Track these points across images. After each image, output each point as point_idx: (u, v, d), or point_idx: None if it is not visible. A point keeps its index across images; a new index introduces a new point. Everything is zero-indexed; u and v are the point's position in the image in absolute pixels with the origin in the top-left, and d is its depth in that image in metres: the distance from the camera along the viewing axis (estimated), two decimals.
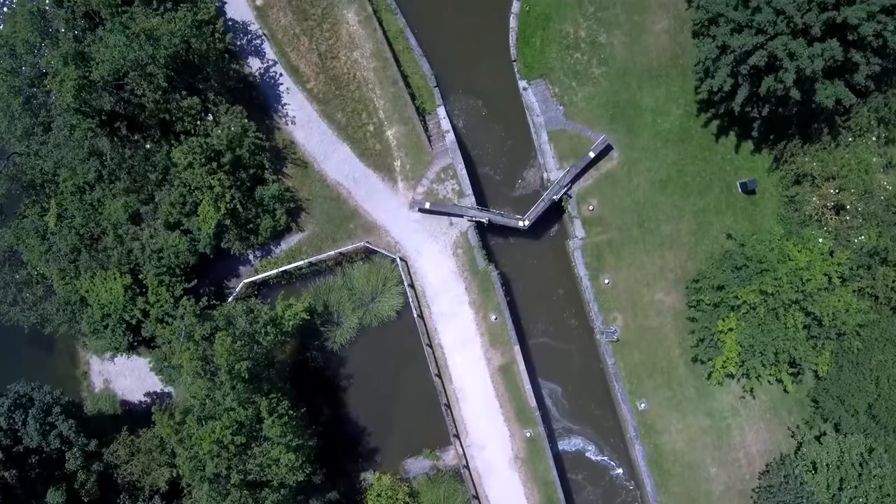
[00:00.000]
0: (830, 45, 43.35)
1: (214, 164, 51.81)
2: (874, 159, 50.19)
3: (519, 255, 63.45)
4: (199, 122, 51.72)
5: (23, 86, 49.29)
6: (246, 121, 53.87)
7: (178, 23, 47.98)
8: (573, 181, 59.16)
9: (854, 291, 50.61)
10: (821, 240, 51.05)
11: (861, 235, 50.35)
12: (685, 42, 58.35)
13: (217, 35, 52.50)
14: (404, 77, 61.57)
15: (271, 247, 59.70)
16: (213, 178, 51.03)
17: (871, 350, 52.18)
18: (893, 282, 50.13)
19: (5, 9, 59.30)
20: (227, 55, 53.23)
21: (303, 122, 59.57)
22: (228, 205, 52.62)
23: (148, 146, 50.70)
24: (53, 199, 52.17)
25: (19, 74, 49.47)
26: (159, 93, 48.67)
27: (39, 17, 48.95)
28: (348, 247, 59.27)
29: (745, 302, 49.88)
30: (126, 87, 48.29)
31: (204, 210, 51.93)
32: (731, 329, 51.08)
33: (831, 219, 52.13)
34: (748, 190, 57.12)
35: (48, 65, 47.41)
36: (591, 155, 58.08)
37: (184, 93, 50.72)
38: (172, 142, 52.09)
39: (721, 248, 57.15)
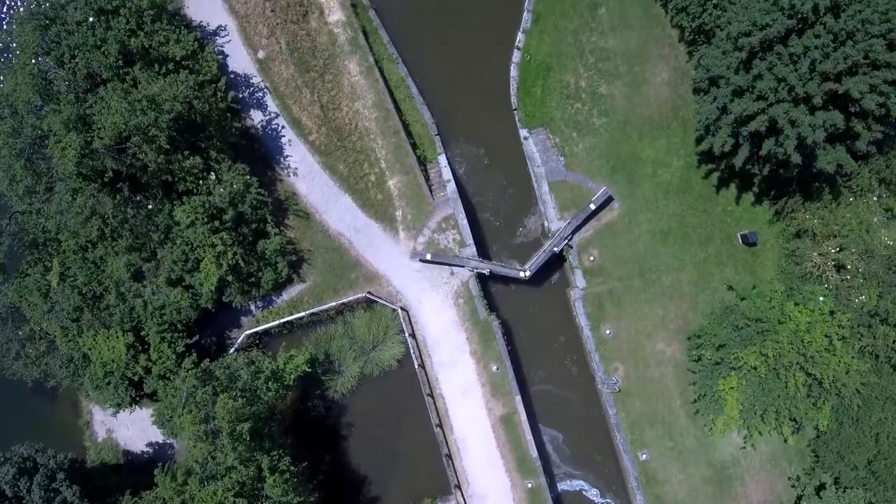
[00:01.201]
0: (832, 115, 43.43)
1: (217, 223, 51.90)
2: (875, 219, 50.32)
3: (520, 302, 63.54)
4: (201, 181, 51.77)
5: (24, 147, 49.27)
6: (248, 177, 53.94)
7: (180, 86, 47.99)
8: (574, 232, 59.31)
9: (854, 349, 50.73)
10: (821, 298, 51.18)
11: (862, 295, 50.48)
12: (686, 94, 58.56)
13: (219, 94, 52.58)
14: (405, 126, 61.72)
15: (273, 297, 59.77)
16: (215, 237, 51.12)
17: (871, 407, 52.33)
18: (894, 342, 50.27)
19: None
20: (229, 114, 53.20)
21: (305, 173, 59.68)
22: (230, 261, 52.68)
23: (150, 206, 50.75)
24: (56, 258, 52.24)
25: (21, 135, 49.43)
26: (161, 156, 48.73)
27: (41, 77, 48.94)
28: (349, 297, 59.38)
29: (745, 363, 50.01)
30: (128, 151, 48.36)
31: (206, 267, 52.01)
32: (732, 388, 51.22)
33: (832, 276, 52.25)
34: (749, 242, 57.28)
35: (50, 129, 47.48)
36: (592, 207, 58.25)
37: (186, 152, 50.73)
38: (175, 200, 52.15)
39: (722, 300, 57.32)
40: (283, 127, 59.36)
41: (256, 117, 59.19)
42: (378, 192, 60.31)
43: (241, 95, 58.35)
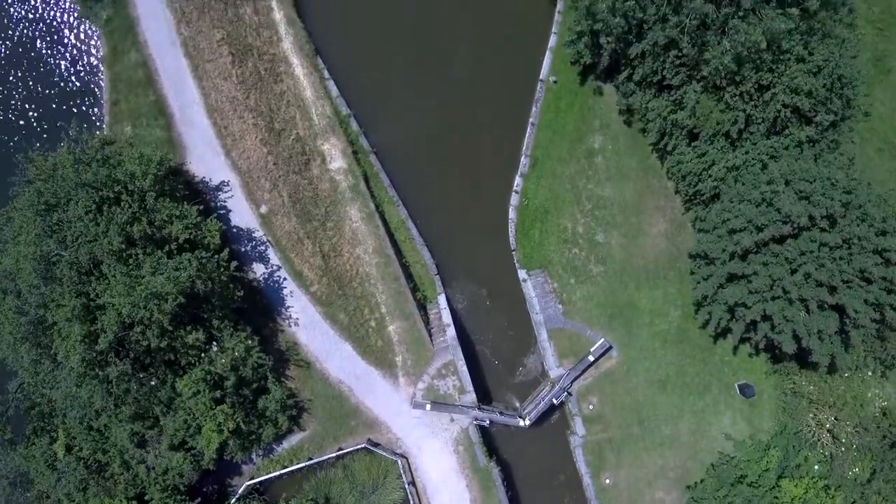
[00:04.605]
0: (828, 320, 43.84)
1: (218, 391, 52.39)
2: (869, 393, 50.83)
3: (520, 443, 63.79)
4: (203, 354, 52.24)
5: (29, 328, 49.61)
6: (250, 342, 54.38)
7: (183, 273, 48.36)
8: (573, 381, 59.79)
9: None
10: (816, 466, 51.71)
11: (855, 468, 50.94)
12: (682, 245, 59.19)
13: (222, 265, 52.96)
14: (406, 267, 62.25)
15: (273, 446, 60.10)
16: (217, 409, 51.65)
17: None
18: None
19: None
20: (231, 284, 53.61)
21: (306, 323, 60.14)
22: (231, 427, 53.14)
23: (153, 383, 51.23)
24: (61, 428, 52.76)
25: (25, 313, 49.81)
26: (165, 337, 49.25)
27: (43, 261, 49.23)
28: (349, 448, 59.71)
29: None
30: (131, 338, 48.90)
31: (207, 434, 52.52)
32: None
33: (827, 442, 52.72)
34: (747, 396, 57.76)
35: (53, 318, 48.07)
36: (591, 358, 58.82)
37: (188, 327, 51.18)
38: (178, 371, 52.60)
39: (720, 452, 57.72)
40: (284, 279, 59.88)
41: (258, 270, 59.69)
42: (378, 338, 60.78)
43: (243, 249, 58.91)
